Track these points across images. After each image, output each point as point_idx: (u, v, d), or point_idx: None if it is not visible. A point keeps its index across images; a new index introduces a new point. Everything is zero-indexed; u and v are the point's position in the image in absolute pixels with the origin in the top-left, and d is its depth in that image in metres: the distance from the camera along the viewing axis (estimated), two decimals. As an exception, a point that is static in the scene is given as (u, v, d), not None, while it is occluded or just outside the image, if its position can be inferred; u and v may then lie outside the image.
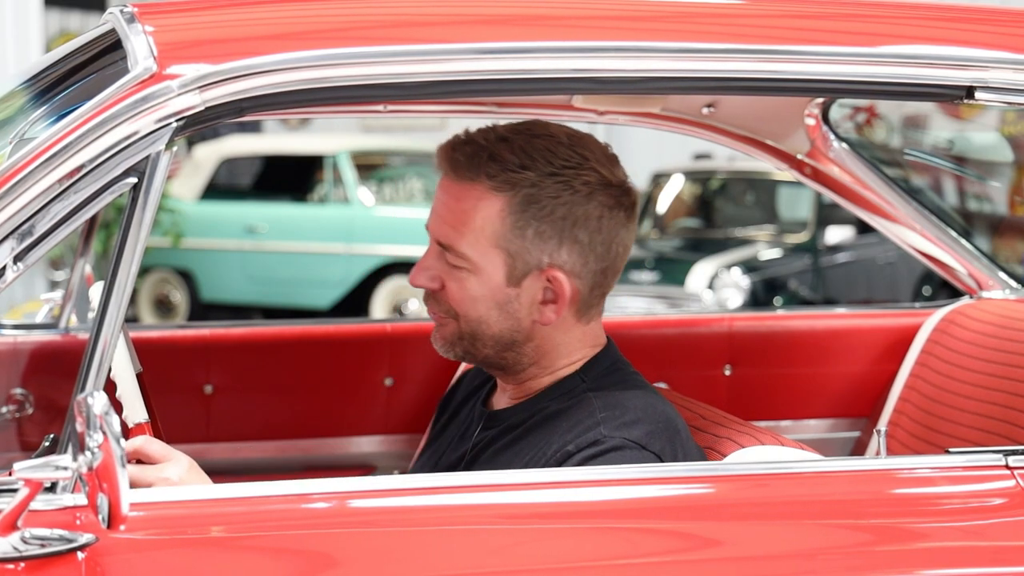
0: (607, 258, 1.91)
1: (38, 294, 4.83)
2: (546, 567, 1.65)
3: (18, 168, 1.60)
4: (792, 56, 1.81)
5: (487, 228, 1.87)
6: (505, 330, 1.90)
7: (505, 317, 1.89)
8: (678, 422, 1.88)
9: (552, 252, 1.87)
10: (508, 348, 1.91)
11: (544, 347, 1.92)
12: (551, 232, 1.87)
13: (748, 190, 10.01)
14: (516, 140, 1.88)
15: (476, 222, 1.87)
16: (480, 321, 1.90)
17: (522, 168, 1.86)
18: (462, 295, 1.90)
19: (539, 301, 1.89)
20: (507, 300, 1.88)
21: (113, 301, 1.60)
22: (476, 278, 1.88)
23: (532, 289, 1.89)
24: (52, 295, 2.71)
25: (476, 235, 1.87)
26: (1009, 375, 2.38)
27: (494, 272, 1.88)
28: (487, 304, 1.89)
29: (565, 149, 1.89)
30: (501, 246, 1.87)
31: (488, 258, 1.87)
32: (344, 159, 10.71)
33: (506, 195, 1.86)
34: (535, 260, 1.87)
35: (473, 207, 1.87)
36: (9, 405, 2.58)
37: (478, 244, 1.87)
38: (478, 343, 1.91)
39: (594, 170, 1.89)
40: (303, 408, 2.74)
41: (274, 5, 1.84)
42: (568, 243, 1.87)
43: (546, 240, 1.87)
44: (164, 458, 1.75)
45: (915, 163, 7.90)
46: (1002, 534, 1.76)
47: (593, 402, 1.88)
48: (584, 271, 1.89)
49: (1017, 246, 8.53)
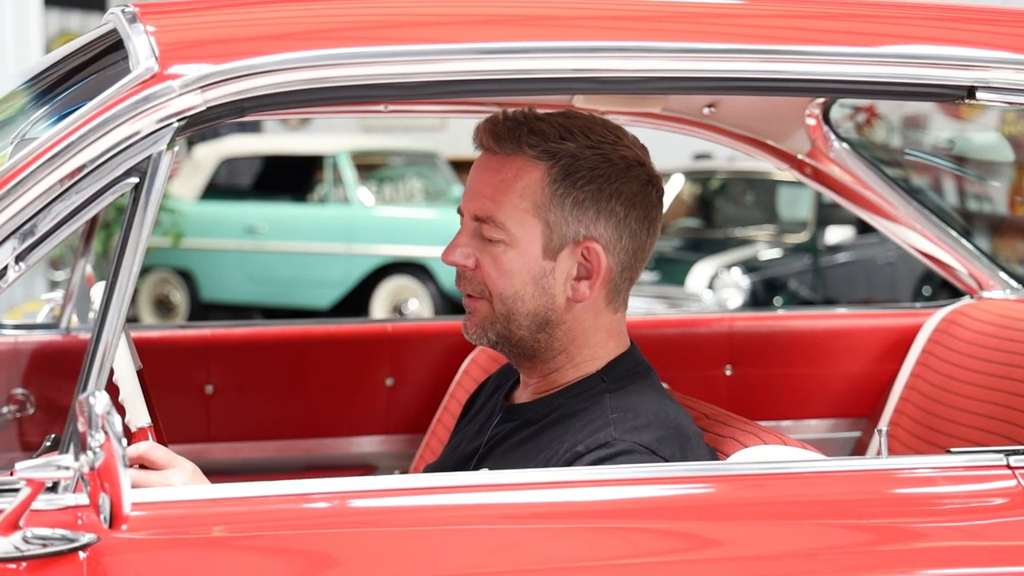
0: (640, 237, 1.92)
1: (39, 294, 4.83)
2: (546, 567, 1.65)
3: (19, 168, 1.60)
4: (793, 56, 1.81)
5: (526, 197, 1.88)
6: (540, 307, 1.90)
7: (540, 292, 1.90)
8: (689, 430, 1.88)
9: (589, 224, 1.89)
10: (542, 328, 1.91)
11: (574, 331, 1.93)
12: (590, 202, 1.88)
13: (748, 190, 10.01)
14: (554, 119, 1.91)
15: (516, 191, 1.89)
16: (515, 297, 1.90)
17: (561, 139, 1.89)
18: (498, 270, 1.90)
19: (573, 277, 1.90)
20: (543, 274, 1.89)
21: (114, 301, 1.60)
22: (513, 250, 1.89)
23: (567, 264, 1.90)
24: (53, 295, 2.71)
25: (515, 204, 1.88)
26: (1010, 375, 2.38)
27: (531, 243, 1.89)
28: (523, 278, 1.89)
29: (601, 127, 1.92)
30: (540, 216, 1.88)
31: (526, 228, 1.88)
32: (344, 159, 10.71)
33: (546, 164, 1.88)
34: (572, 231, 1.89)
35: (514, 176, 1.89)
36: (10, 405, 2.58)
37: (517, 213, 1.88)
38: (512, 323, 1.91)
39: (630, 148, 1.92)
40: (303, 408, 2.74)
41: (275, 5, 1.84)
42: (605, 215, 1.89)
43: (584, 210, 1.88)
44: (168, 464, 1.76)
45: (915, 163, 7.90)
46: (1003, 534, 1.76)
47: (607, 403, 1.89)
48: (618, 247, 1.91)
49: (1017, 246, 8.53)
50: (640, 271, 1.97)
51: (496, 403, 2.07)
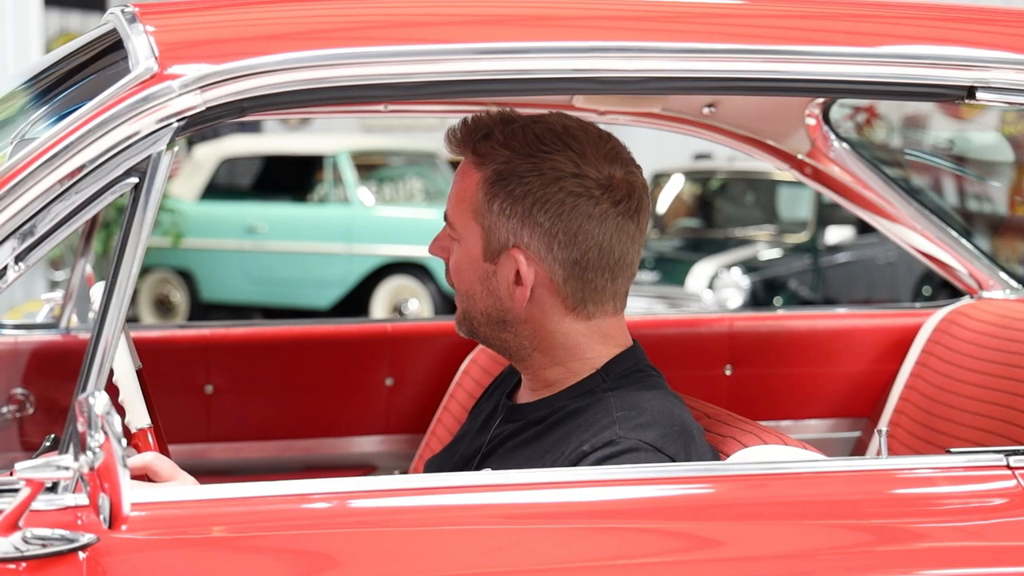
0: (574, 248, 1.89)
1: (38, 294, 4.83)
2: (546, 567, 1.65)
3: (19, 168, 1.60)
4: (793, 56, 1.81)
5: (466, 200, 1.93)
6: (490, 308, 1.94)
7: (487, 293, 1.94)
8: (693, 428, 1.88)
9: (516, 231, 1.90)
10: (502, 327, 1.95)
11: (539, 333, 1.93)
12: (512, 210, 1.90)
13: (748, 190, 10.01)
14: (517, 124, 1.93)
15: (461, 194, 1.94)
16: (468, 296, 1.96)
17: (502, 147, 1.91)
18: (454, 267, 1.97)
19: (511, 282, 1.92)
20: (486, 275, 1.93)
21: (114, 301, 1.60)
22: (463, 251, 1.95)
23: (506, 268, 1.92)
24: (53, 295, 2.71)
25: (462, 206, 1.94)
26: (1010, 375, 2.38)
27: (474, 244, 1.93)
28: (471, 278, 1.95)
29: (554, 137, 1.91)
30: (478, 219, 1.92)
31: (469, 230, 1.93)
32: (344, 159, 10.71)
33: (483, 170, 1.92)
34: (504, 237, 1.91)
35: (461, 179, 1.95)
36: (10, 405, 2.58)
37: (462, 215, 1.94)
38: (473, 321, 1.97)
39: (571, 160, 1.90)
40: (303, 408, 2.74)
41: (274, 5, 1.84)
42: (530, 225, 1.90)
43: (509, 218, 1.90)
44: (171, 477, 1.77)
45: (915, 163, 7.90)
46: (1003, 534, 1.76)
47: (611, 402, 1.89)
48: (549, 257, 1.90)
49: (1017, 246, 8.53)
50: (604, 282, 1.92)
51: (498, 402, 2.08)
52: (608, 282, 1.93)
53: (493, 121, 1.94)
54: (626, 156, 1.94)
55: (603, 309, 1.94)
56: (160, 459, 1.79)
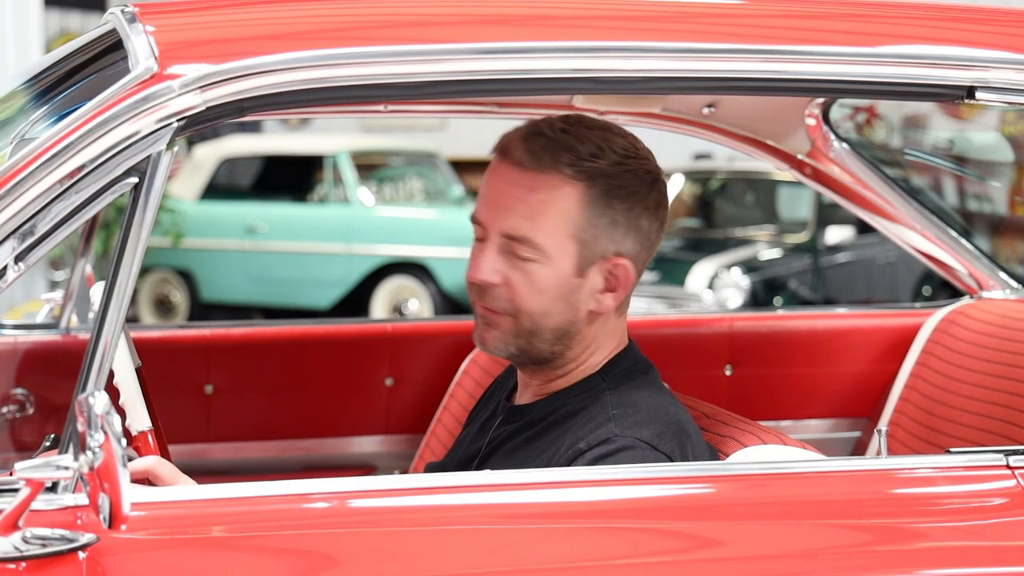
0: (655, 247, 1.96)
1: (38, 294, 4.83)
2: (546, 567, 1.65)
3: (19, 168, 1.60)
4: (792, 56, 1.81)
5: (563, 217, 1.88)
6: (564, 322, 1.90)
7: (566, 308, 1.90)
8: (689, 426, 1.89)
9: (620, 240, 1.90)
10: (561, 340, 1.92)
11: (587, 339, 1.94)
12: (622, 220, 1.90)
13: (748, 190, 10.01)
14: (577, 131, 1.91)
15: (553, 212, 1.88)
16: (544, 314, 1.90)
17: (593, 157, 1.89)
18: (530, 287, 1.89)
19: (599, 290, 1.91)
20: (572, 290, 1.90)
21: (114, 301, 1.60)
22: (547, 269, 1.89)
23: (595, 278, 1.91)
24: (52, 295, 2.71)
25: (553, 225, 1.88)
26: (1010, 375, 2.38)
27: (565, 262, 1.89)
28: (553, 295, 1.89)
29: (619, 138, 1.93)
30: (575, 235, 1.88)
31: (562, 248, 1.88)
32: (344, 159, 10.71)
33: (583, 184, 1.88)
34: (602, 249, 1.90)
35: (550, 197, 1.88)
36: (9, 405, 2.58)
37: (554, 234, 1.88)
38: (536, 338, 1.91)
39: (648, 159, 1.94)
40: (303, 408, 2.74)
41: (274, 5, 1.84)
42: (633, 231, 1.91)
43: (617, 228, 1.90)
44: (173, 482, 1.77)
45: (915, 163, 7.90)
46: (1003, 534, 1.76)
47: (607, 400, 1.90)
48: (639, 258, 1.93)
49: (1017, 246, 8.53)
50: None
51: (498, 404, 2.08)
52: None
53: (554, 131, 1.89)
54: None
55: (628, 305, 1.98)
56: (162, 463, 1.79)
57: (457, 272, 9.94)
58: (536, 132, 1.90)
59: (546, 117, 1.96)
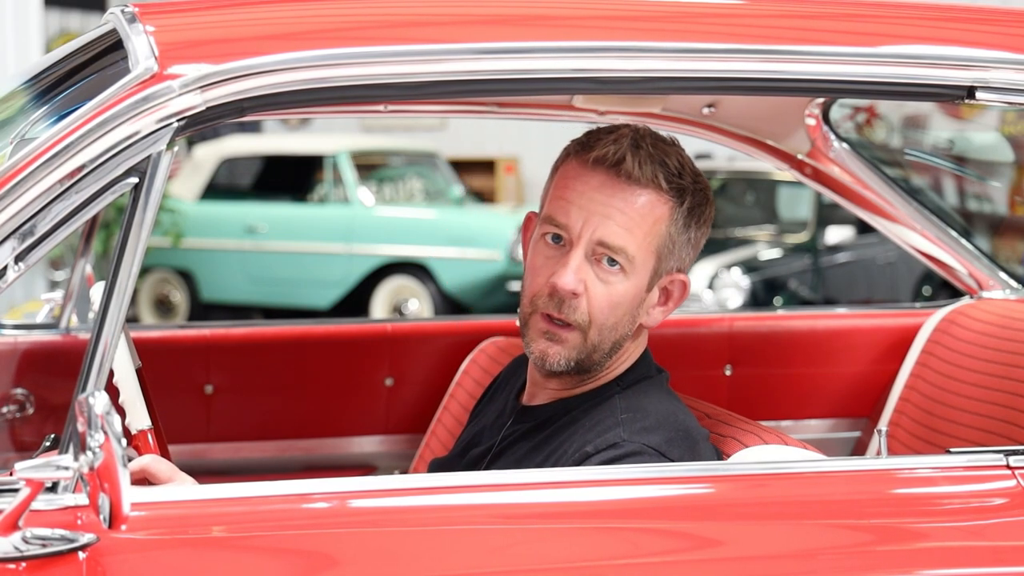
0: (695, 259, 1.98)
1: (38, 294, 4.83)
2: (546, 567, 1.65)
3: (19, 168, 1.60)
4: (792, 56, 1.81)
5: (654, 233, 1.89)
6: (622, 336, 1.91)
7: (629, 320, 1.91)
8: (697, 432, 1.89)
9: (684, 257, 1.94)
10: (613, 353, 1.92)
11: (628, 350, 1.95)
12: (695, 237, 1.93)
13: (748, 190, 10.01)
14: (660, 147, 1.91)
15: (648, 225, 1.89)
16: (612, 328, 1.89)
17: (679, 176, 1.90)
18: (608, 299, 1.87)
19: (653, 304, 1.93)
20: (638, 304, 1.91)
21: (114, 301, 1.60)
22: (628, 282, 1.89)
23: (654, 292, 1.93)
24: (52, 295, 2.71)
25: (646, 239, 1.89)
26: (1009, 375, 2.38)
27: (644, 276, 1.90)
28: (625, 309, 1.89)
29: (686, 156, 1.94)
30: (658, 250, 1.90)
31: (645, 262, 1.89)
32: (344, 159, 10.71)
33: (674, 201, 1.90)
34: (670, 264, 1.92)
35: (649, 211, 1.88)
36: (10, 405, 2.58)
37: (644, 248, 1.89)
38: (596, 352, 1.90)
39: (701, 175, 1.95)
40: (303, 408, 2.74)
41: (274, 5, 1.84)
42: (694, 248, 1.95)
43: (690, 245, 1.93)
44: (170, 479, 1.77)
45: (915, 163, 7.89)
46: (1003, 534, 1.76)
47: (617, 403, 1.90)
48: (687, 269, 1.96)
49: (1017, 246, 8.52)
50: None
51: (507, 403, 2.07)
52: None
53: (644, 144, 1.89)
54: None
55: None
56: (159, 461, 1.78)
57: (457, 272, 9.95)
58: (635, 145, 1.89)
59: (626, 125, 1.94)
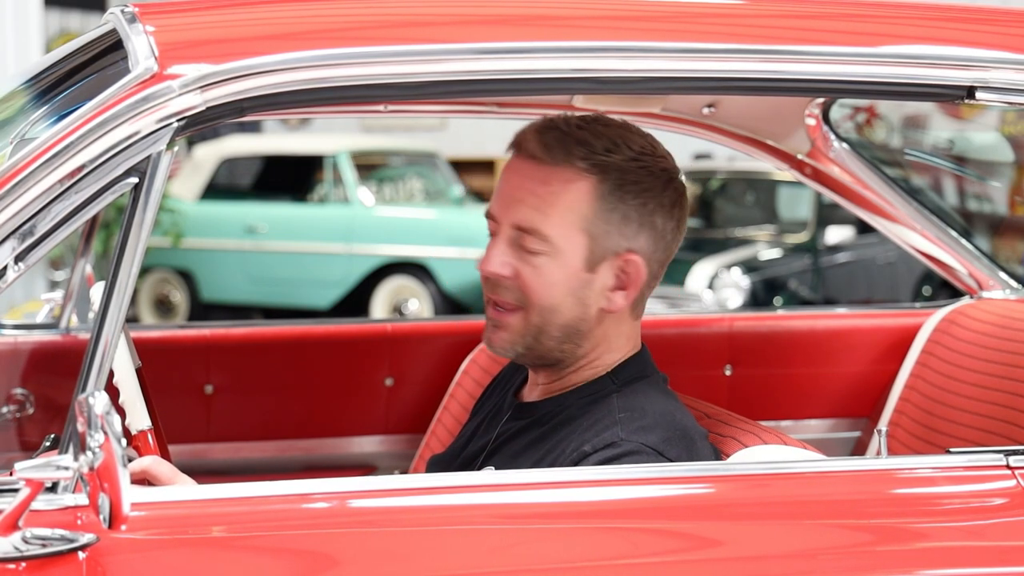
0: (671, 247, 1.95)
1: (38, 294, 4.83)
2: (546, 567, 1.65)
3: (19, 168, 1.60)
4: (792, 56, 1.81)
5: (574, 210, 1.88)
6: (573, 318, 1.90)
7: (576, 303, 1.90)
8: (695, 432, 1.89)
9: (631, 236, 1.90)
10: (570, 339, 1.92)
11: (599, 339, 1.94)
12: (634, 216, 1.90)
13: (748, 190, 10.01)
14: (593, 127, 1.91)
15: (564, 204, 1.88)
16: (553, 309, 1.89)
17: (608, 152, 1.89)
18: (538, 281, 1.89)
19: (609, 288, 1.91)
20: (581, 286, 1.90)
21: (114, 301, 1.60)
22: (555, 262, 1.89)
23: (605, 275, 1.91)
24: (52, 295, 2.71)
25: (563, 217, 1.88)
26: (1010, 375, 2.38)
27: (574, 256, 1.89)
28: (562, 290, 1.89)
29: (637, 137, 1.93)
30: (585, 229, 1.88)
31: (571, 241, 1.88)
32: (344, 159, 10.71)
33: (595, 178, 1.88)
34: (614, 244, 1.90)
35: (562, 189, 1.88)
36: (10, 405, 2.58)
37: (563, 226, 1.88)
38: (544, 335, 1.91)
39: (665, 158, 1.93)
40: (303, 408, 2.74)
41: (274, 5, 1.84)
42: (647, 228, 1.91)
43: (629, 224, 1.90)
44: (171, 481, 1.77)
45: (915, 163, 7.89)
46: (1003, 534, 1.76)
47: (614, 403, 1.90)
48: (653, 258, 1.93)
49: (1017, 246, 8.52)
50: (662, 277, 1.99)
51: (505, 400, 2.07)
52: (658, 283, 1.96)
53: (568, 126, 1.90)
54: None
55: (644, 308, 1.98)
56: (159, 463, 1.78)
57: (457, 272, 9.94)
58: (551, 126, 1.91)
59: (562, 114, 1.96)
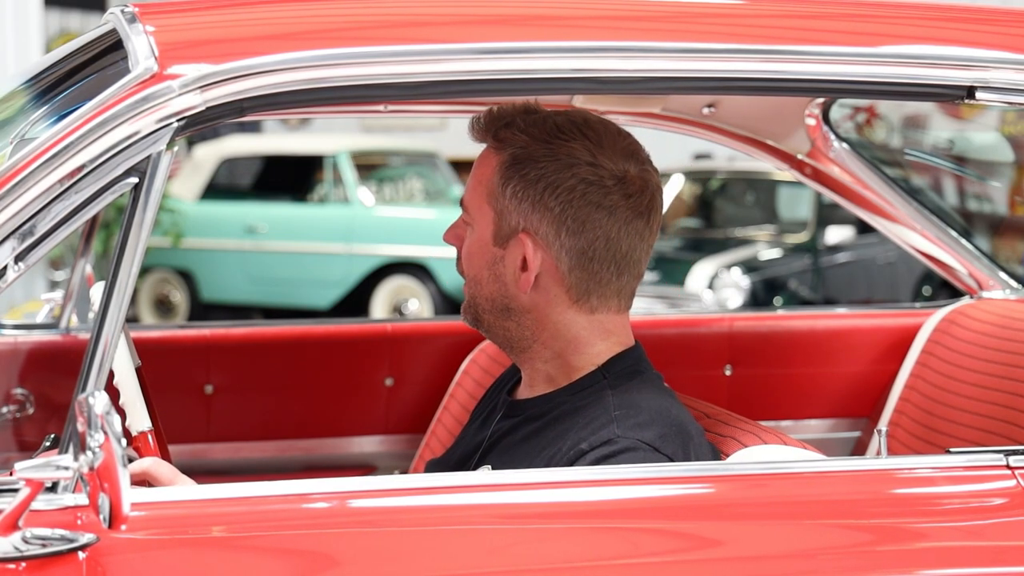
0: (582, 237, 1.89)
1: (38, 294, 4.83)
2: (546, 567, 1.65)
3: (19, 168, 1.60)
4: (792, 56, 1.81)
5: (483, 183, 1.94)
6: (495, 293, 1.95)
7: (493, 279, 1.94)
8: (691, 427, 1.88)
9: (527, 215, 1.91)
10: (505, 315, 1.95)
11: (542, 323, 1.94)
12: (525, 194, 1.91)
13: (748, 190, 10.01)
14: (539, 113, 1.95)
15: (477, 178, 1.96)
16: (476, 281, 1.97)
17: (521, 132, 1.93)
18: (466, 251, 1.98)
19: (518, 268, 1.93)
20: (494, 260, 1.94)
21: (114, 301, 1.60)
22: (475, 235, 1.96)
23: (514, 254, 1.93)
24: (52, 295, 2.71)
25: (478, 190, 1.95)
26: (1009, 375, 2.38)
27: (485, 228, 1.94)
28: (480, 262, 1.96)
29: (573, 127, 1.93)
30: (490, 203, 1.93)
31: (482, 213, 1.95)
32: (344, 159, 10.72)
33: (501, 154, 1.93)
34: (514, 222, 1.92)
35: (479, 164, 1.96)
36: (10, 405, 2.58)
37: (476, 199, 1.95)
38: (478, 308, 1.98)
39: (587, 148, 1.91)
40: (303, 408, 2.74)
41: (274, 5, 1.84)
42: (541, 209, 1.90)
43: (521, 201, 1.91)
44: (171, 482, 1.77)
45: (915, 163, 7.90)
46: (1003, 534, 1.76)
47: (609, 400, 1.89)
48: (556, 244, 1.90)
49: (1017, 246, 8.53)
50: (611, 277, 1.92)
51: (499, 399, 2.08)
52: (613, 276, 1.93)
53: (516, 110, 1.96)
54: (643, 155, 1.96)
55: (607, 304, 1.94)
56: (159, 464, 1.78)
57: (457, 272, 9.94)
58: (499, 109, 1.97)
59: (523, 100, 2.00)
